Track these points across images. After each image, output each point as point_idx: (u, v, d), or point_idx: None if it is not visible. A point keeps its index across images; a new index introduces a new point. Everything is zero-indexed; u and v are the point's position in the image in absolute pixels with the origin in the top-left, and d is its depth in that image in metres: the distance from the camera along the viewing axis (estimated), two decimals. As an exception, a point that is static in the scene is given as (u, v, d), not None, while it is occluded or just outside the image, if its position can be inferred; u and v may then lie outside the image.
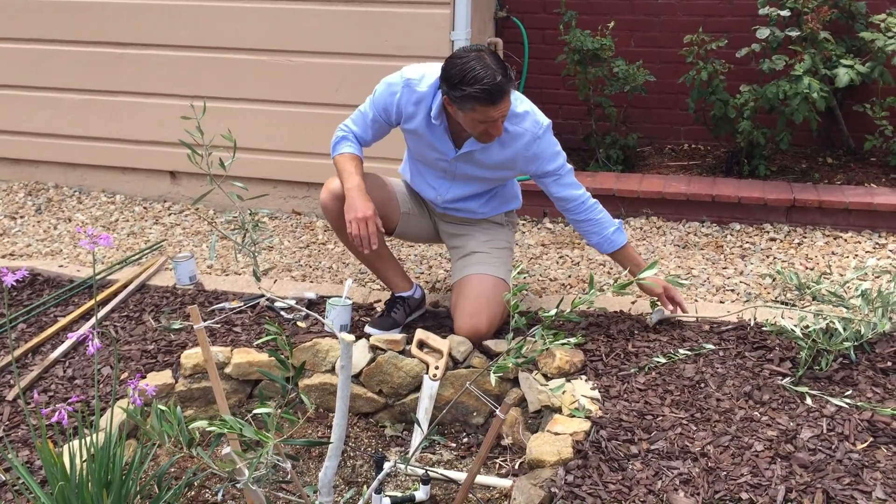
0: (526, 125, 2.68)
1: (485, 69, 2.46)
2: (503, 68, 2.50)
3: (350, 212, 2.65)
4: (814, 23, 3.79)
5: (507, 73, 2.50)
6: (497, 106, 2.50)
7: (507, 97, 2.51)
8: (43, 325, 3.08)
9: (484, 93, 2.45)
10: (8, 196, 4.48)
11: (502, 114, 2.54)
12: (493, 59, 2.52)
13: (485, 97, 2.46)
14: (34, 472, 2.27)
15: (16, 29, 4.33)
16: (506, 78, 2.49)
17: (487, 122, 2.54)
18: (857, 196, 3.72)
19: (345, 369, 1.91)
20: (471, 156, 2.74)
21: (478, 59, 2.49)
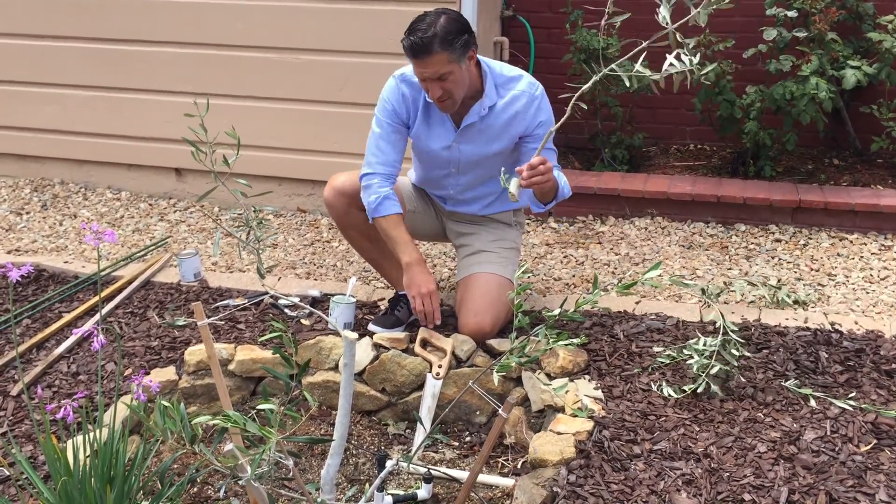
0: (521, 87, 2.71)
1: (420, 23, 2.52)
2: (445, 31, 2.49)
3: (413, 287, 2.70)
4: (821, 24, 3.77)
5: (445, 36, 2.49)
6: (419, 61, 2.52)
7: (433, 58, 2.50)
8: (47, 321, 3.09)
9: (407, 42, 2.52)
10: (14, 192, 4.49)
11: (429, 73, 2.53)
12: (444, 20, 2.52)
13: (408, 47, 2.52)
14: (37, 468, 2.27)
15: (22, 25, 4.34)
16: (436, 40, 2.47)
17: (422, 79, 2.57)
18: (863, 197, 3.71)
19: (348, 367, 1.91)
20: (472, 131, 2.74)
21: (426, 14, 2.55)
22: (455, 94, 2.62)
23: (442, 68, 2.53)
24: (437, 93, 2.59)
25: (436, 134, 2.78)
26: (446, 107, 2.66)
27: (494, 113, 2.72)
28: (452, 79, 2.57)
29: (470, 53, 2.60)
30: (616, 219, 3.95)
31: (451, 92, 2.60)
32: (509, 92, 2.71)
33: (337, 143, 4.02)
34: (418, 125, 2.78)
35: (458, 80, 2.59)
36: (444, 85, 2.57)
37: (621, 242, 3.70)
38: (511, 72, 2.74)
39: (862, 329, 2.76)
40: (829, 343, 2.66)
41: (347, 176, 2.86)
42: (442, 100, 2.62)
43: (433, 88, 2.59)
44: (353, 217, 2.86)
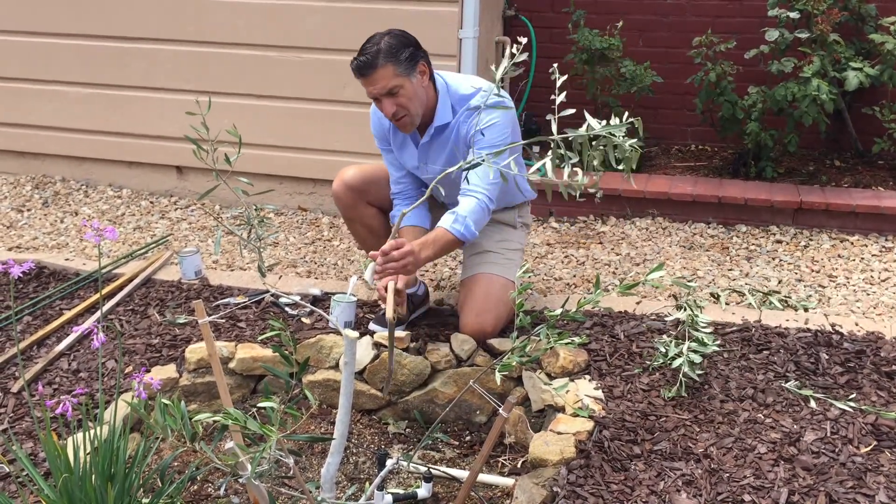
0: (475, 101, 2.62)
1: (366, 43, 2.55)
2: (389, 46, 2.50)
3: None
4: (823, 25, 3.77)
5: (389, 50, 2.50)
6: (366, 78, 2.53)
7: (378, 72, 2.50)
8: (48, 318, 3.09)
9: (354, 64, 2.54)
10: (15, 189, 4.49)
11: (378, 88, 2.53)
12: (388, 37, 2.54)
13: (355, 68, 2.54)
14: (38, 465, 2.27)
15: (23, 22, 4.34)
16: (380, 55, 2.49)
17: (375, 98, 2.58)
18: (864, 199, 3.71)
19: (348, 366, 1.91)
20: (431, 150, 2.74)
21: (372, 36, 2.57)
22: (411, 110, 2.58)
23: (389, 82, 2.51)
24: (390, 109, 2.56)
25: (407, 154, 2.80)
26: (404, 124, 2.62)
27: (450, 130, 2.69)
28: (403, 93, 2.54)
29: (420, 68, 2.57)
30: (617, 219, 3.95)
31: (406, 107, 2.57)
32: (461, 107, 2.67)
33: (338, 142, 4.02)
34: (394, 146, 2.81)
35: (411, 95, 2.56)
36: (396, 101, 2.55)
37: (622, 243, 3.70)
38: (470, 88, 2.68)
39: (862, 330, 2.76)
40: (829, 344, 2.66)
41: (356, 170, 2.87)
42: (398, 117, 2.59)
43: (386, 105, 2.56)
44: (361, 211, 2.88)
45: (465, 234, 2.56)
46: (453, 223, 2.54)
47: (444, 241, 2.55)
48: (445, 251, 2.61)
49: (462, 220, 2.54)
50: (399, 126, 2.65)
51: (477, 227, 2.58)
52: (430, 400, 2.70)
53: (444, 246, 2.56)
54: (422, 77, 2.59)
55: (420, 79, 2.58)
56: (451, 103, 2.68)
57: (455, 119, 2.67)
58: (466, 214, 2.55)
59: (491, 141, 2.55)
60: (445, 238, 2.54)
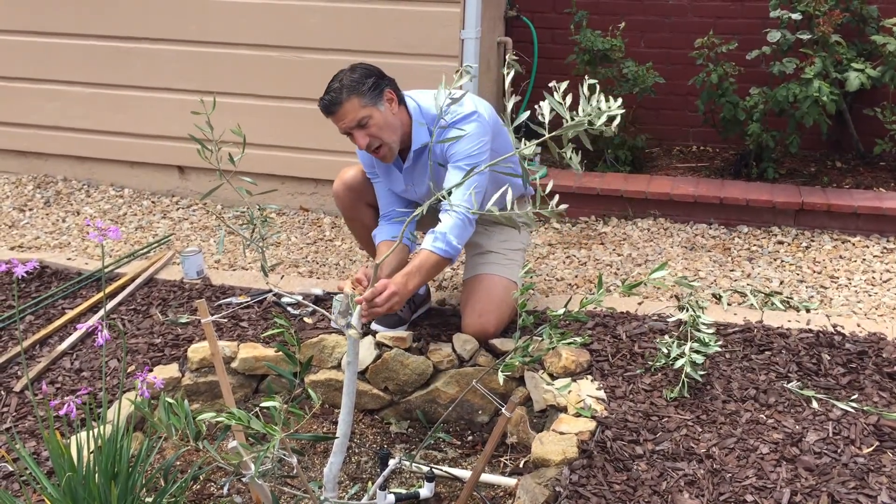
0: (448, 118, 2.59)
1: (331, 82, 2.57)
2: (351, 80, 2.53)
3: None
4: (825, 26, 3.78)
5: (351, 84, 2.51)
6: (333, 116, 2.56)
7: (344, 107, 2.52)
8: (51, 318, 3.09)
9: (321, 105, 2.57)
10: (17, 189, 4.49)
11: (347, 122, 2.54)
12: (349, 71, 2.57)
13: (322, 108, 2.57)
14: (41, 463, 2.28)
15: (25, 22, 4.35)
16: (343, 90, 2.51)
17: (346, 134, 2.59)
18: (865, 200, 3.71)
19: (351, 365, 1.91)
20: (415, 174, 2.75)
21: (337, 73, 2.59)
22: (384, 139, 2.58)
23: (357, 114, 2.52)
24: (364, 141, 2.56)
25: (394, 179, 2.81)
26: (383, 155, 2.62)
27: (426, 150, 2.69)
28: (374, 123, 2.54)
29: (387, 95, 2.57)
30: (619, 220, 3.95)
31: (379, 136, 2.57)
32: (440, 127, 2.64)
33: (340, 142, 4.00)
34: (380, 172, 2.82)
35: (381, 124, 2.56)
36: (368, 132, 2.55)
37: (624, 243, 3.70)
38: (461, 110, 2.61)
39: (864, 331, 2.76)
40: (831, 345, 2.67)
41: (356, 170, 2.88)
42: (373, 148, 2.59)
43: (359, 138, 2.56)
44: (360, 211, 2.88)
45: (449, 250, 2.54)
46: (434, 242, 2.53)
47: (430, 264, 2.53)
48: (434, 272, 2.59)
49: (443, 237, 2.53)
50: (379, 158, 2.65)
51: (460, 240, 2.57)
52: (432, 400, 2.70)
53: (430, 269, 2.54)
54: (390, 105, 2.58)
55: (388, 106, 2.58)
56: (427, 123, 2.66)
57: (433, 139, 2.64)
58: (446, 231, 2.54)
59: (461, 152, 2.57)
60: (431, 260, 2.53)
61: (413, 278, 2.48)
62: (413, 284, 2.48)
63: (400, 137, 2.63)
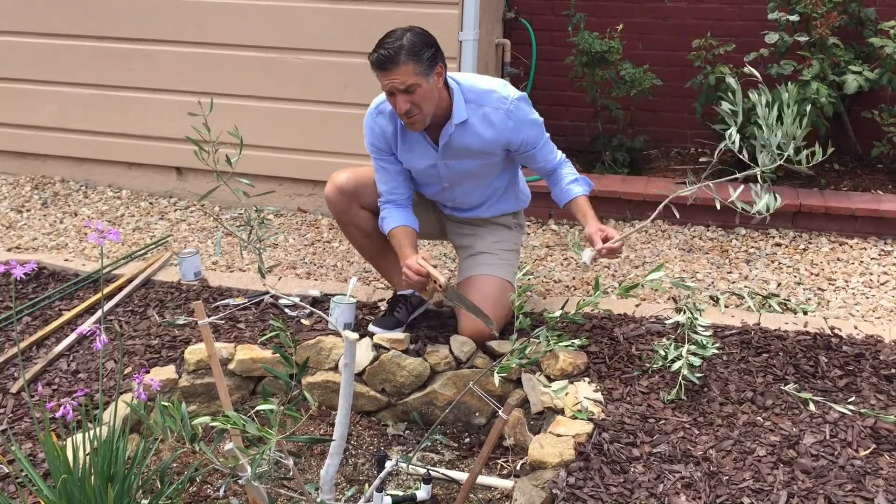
0: (493, 103, 2.68)
1: (388, 37, 2.54)
2: (412, 43, 2.51)
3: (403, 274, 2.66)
4: (823, 28, 3.78)
5: (412, 48, 2.50)
6: (384, 72, 2.51)
7: (400, 68, 2.49)
8: (48, 319, 3.09)
9: (374, 55, 2.52)
10: (14, 189, 4.49)
11: (397, 82, 2.51)
12: (411, 34, 2.54)
13: (374, 59, 2.52)
14: (37, 465, 2.27)
15: (24, 23, 4.35)
16: (402, 51, 2.49)
17: (389, 93, 2.56)
18: (863, 202, 3.71)
19: (348, 367, 1.91)
20: (451, 149, 2.74)
21: (394, 30, 2.57)
22: (424, 109, 2.58)
23: (409, 79, 2.51)
24: (405, 106, 2.55)
25: (419, 154, 2.78)
26: (415, 122, 2.61)
27: (470, 129, 2.69)
28: (420, 92, 2.54)
29: (437, 69, 2.57)
30: (617, 221, 3.95)
31: (420, 106, 2.56)
32: (482, 107, 2.67)
33: (339, 144, 4.02)
34: (400, 150, 2.79)
35: (426, 96, 2.56)
36: (412, 99, 2.54)
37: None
38: (484, 84, 2.70)
39: (861, 334, 2.76)
40: (828, 347, 2.67)
41: (349, 173, 2.87)
42: (410, 115, 2.58)
43: (400, 102, 2.55)
44: (354, 215, 2.87)
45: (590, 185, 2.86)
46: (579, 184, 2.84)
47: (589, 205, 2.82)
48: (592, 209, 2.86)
49: (583, 179, 2.85)
50: (409, 124, 2.63)
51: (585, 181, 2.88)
52: (429, 402, 2.70)
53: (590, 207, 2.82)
54: (437, 79, 2.59)
55: (436, 80, 2.58)
56: (467, 100, 2.69)
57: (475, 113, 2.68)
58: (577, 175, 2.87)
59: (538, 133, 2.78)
60: (587, 202, 2.82)
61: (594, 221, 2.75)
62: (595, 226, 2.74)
63: (433, 112, 2.64)
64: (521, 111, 2.71)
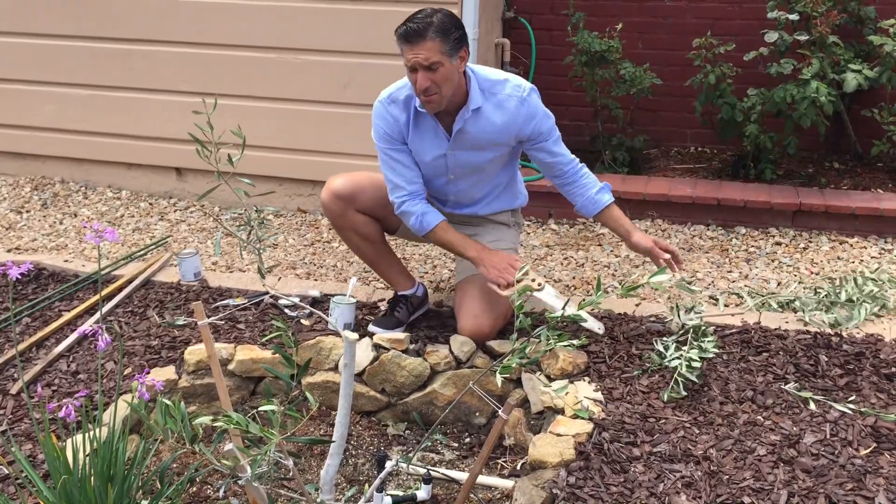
0: (508, 90, 2.70)
1: (417, 14, 2.56)
2: (441, 22, 2.52)
3: (492, 272, 2.69)
4: (823, 27, 3.78)
5: (440, 26, 2.51)
6: (410, 46, 2.52)
7: (427, 43, 2.50)
8: (47, 320, 3.09)
9: (402, 28, 2.53)
10: (14, 190, 4.49)
11: (421, 57, 2.52)
12: (441, 14, 2.55)
13: (402, 32, 2.53)
14: (37, 466, 2.27)
15: (23, 24, 4.35)
16: (431, 27, 2.50)
17: (411, 69, 2.56)
18: (863, 201, 3.71)
19: (348, 367, 1.91)
20: (463, 137, 2.74)
21: (422, 9, 2.58)
22: (443, 90, 2.58)
23: (433, 56, 2.51)
24: (426, 84, 2.55)
25: (429, 144, 2.77)
26: (432, 102, 2.61)
27: (483, 117, 2.69)
28: (442, 71, 2.54)
29: (461, 53, 2.58)
30: (616, 221, 3.95)
31: (440, 85, 2.56)
32: (496, 96, 2.69)
33: (339, 144, 4.02)
34: (411, 139, 2.78)
35: (448, 76, 2.57)
36: (433, 77, 2.54)
37: (621, 244, 3.70)
38: (496, 75, 2.74)
39: (862, 333, 2.76)
40: (828, 346, 2.67)
41: (344, 178, 2.86)
42: (429, 94, 2.58)
43: (421, 79, 2.55)
44: (350, 219, 2.86)
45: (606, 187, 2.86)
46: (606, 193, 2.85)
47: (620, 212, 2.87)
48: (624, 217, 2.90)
49: (606, 188, 2.85)
50: (426, 103, 2.63)
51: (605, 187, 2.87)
52: (429, 402, 2.70)
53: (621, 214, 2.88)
54: (460, 63, 2.60)
55: (458, 63, 2.59)
56: (482, 89, 2.70)
57: (490, 101, 2.70)
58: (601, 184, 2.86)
59: (550, 125, 2.78)
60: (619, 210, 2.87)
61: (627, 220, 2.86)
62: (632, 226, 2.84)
63: (450, 97, 2.64)
64: (533, 100, 2.73)
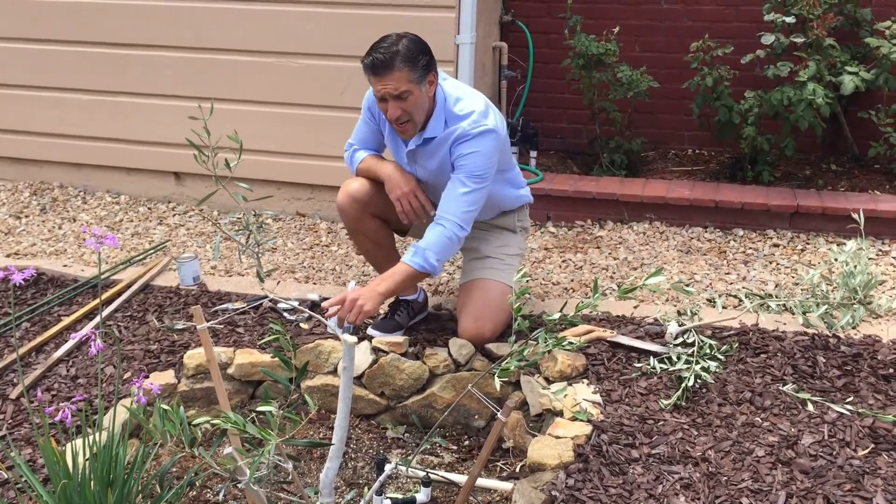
0: (463, 124, 2.62)
1: (382, 42, 2.54)
2: (407, 49, 2.51)
3: (394, 191, 2.72)
4: (819, 29, 3.79)
5: (407, 54, 2.50)
6: (378, 77, 2.52)
7: (394, 74, 2.50)
8: (47, 325, 3.09)
9: (368, 58, 2.52)
10: (13, 195, 4.49)
11: (390, 88, 2.52)
12: (406, 40, 2.54)
13: (368, 63, 2.52)
14: (37, 471, 2.27)
15: (22, 29, 4.35)
16: (398, 56, 2.49)
17: (381, 99, 2.56)
18: (860, 203, 3.72)
19: (347, 371, 1.91)
20: (416, 156, 2.76)
21: (388, 35, 2.57)
22: (415, 116, 2.59)
23: (402, 85, 2.51)
24: (396, 113, 2.56)
25: (395, 151, 2.83)
26: (405, 129, 2.63)
27: (436, 143, 2.69)
28: (412, 99, 2.55)
29: (430, 77, 2.58)
30: (615, 223, 3.96)
31: (411, 113, 2.58)
32: (451, 126, 2.66)
33: (336, 148, 4.00)
34: (387, 137, 2.82)
35: (418, 103, 2.57)
36: (403, 105, 2.55)
37: (620, 247, 3.71)
38: (465, 108, 2.64)
39: (859, 334, 2.77)
40: (826, 348, 2.67)
41: (360, 182, 2.86)
42: (401, 121, 2.59)
43: (392, 108, 2.56)
44: (365, 223, 2.87)
45: (425, 266, 2.59)
46: (413, 256, 2.59)
47: (405, 274, 2.59)
48: (409, 283, 2.66)
49: (422, 252, 2.58)
50: (400, 131, 2.65)
51: (440, 258, 2.61)
52: (428, 405, 2.70)
53: (404, 279, 2.60)
54: (429, 87, 2.60)
55: (428, 88, 2.59)
56: (445, 118, 2.67)
57: (444, 133, 2.65)
58: (426, 247, 2.59)
59: (471, 170, 2.61)
60: (405, 271, 2.59)
61: (383, 283, 2.56)
62: (383, 288, 2.55)
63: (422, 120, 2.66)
64: (480, 139, 2.60)
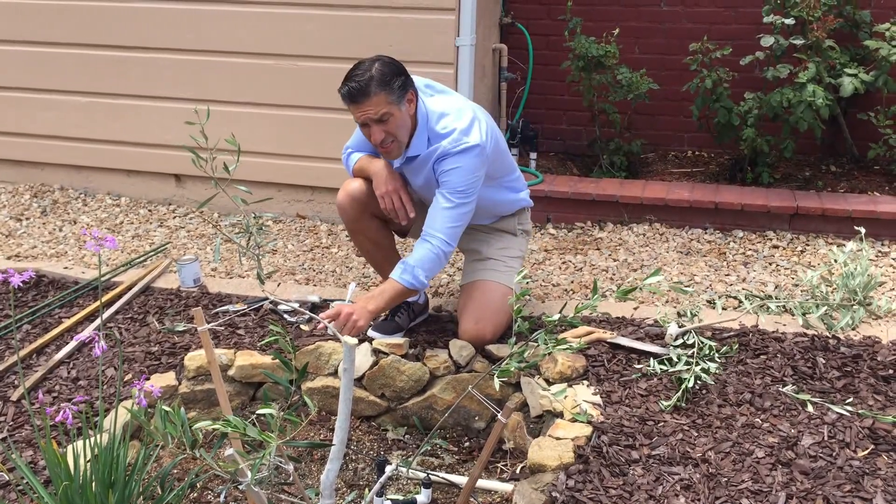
0: (444, 143, 2.61)
1: (356, 69, 2.55)
2: (381, 73, 2.51)
3: (379, 187, 2.73)
4: (819, 31, 3.80)
5: (382, 78, 2.50)
6: (357, 105, 2.53)
7: (370, 100, 2.51)
8: (48, 327, 3.09)
9: (344, 88, 2.54)
10: (14, 198, 4.50)
11: (370, 114, 2.53)
12: (379, 64, 2.54)
13: (345, 92, 2.54)
14: (38, 473, 2.28)
15: (22, 31, 4.36)
16: (372, 82, 2.49)
17: (363, 124, 2.58)
18: (860, 204, 3.72)
19: (347, 372, 1.92)
20: (404, 171, 2.77)
21: (361, 62, 2.57)
22: (398, 136, 2.60)
23: (381, 109, 2.52)
24: (380, 136, 2.57)
25: None
26: (391, 151, 2.64)
27: (419, 161, 2.69)
28: (393, 121, 2.56)
29: (409, 96, 2.59)
30: (614, 225, 3.96)
31: (394, 135, 2.59)
32: (434, 144, 2.66)
33: (336, 150, 4.00)
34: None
35: (400, 124, 2.58)
36: (386, 128, 2.56)
37: (620, 248, 3.71)
38: (448, 125, 2.63)
39: (859, 335, 2.77)
40: (826, 349, 2.68)
41: (360, 182, 2.87)
42: (385, 144, 2.60)
43: (375, 132, 2.57)
44: (365, 223, 2.88)
45: (415, 283, 2.60)
46: (402, 274, 2.60)
47: (394, 292, 2.61)
48: (398, 300, 2.67)
49: (411, 270, 2.60)
50: (385, 153, 2.66)
51: (428, 274, 2.62)
52: (428, 406, 2.71)
53: (394, 296, 2.62)
54: (409, 106, 2.61)
55: (408, 107, 2.60)
56: (428, 136, 2.68)
57: (427, 151, 2.66)
58: (415, 264, 2.60)
59: (454, 185, 2.61)
60: (395, 288, 2.61)
61: (374, 301, 2.58)
62: (374, 306, 2.57)
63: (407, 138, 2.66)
64: (462, 156, 2.60)
